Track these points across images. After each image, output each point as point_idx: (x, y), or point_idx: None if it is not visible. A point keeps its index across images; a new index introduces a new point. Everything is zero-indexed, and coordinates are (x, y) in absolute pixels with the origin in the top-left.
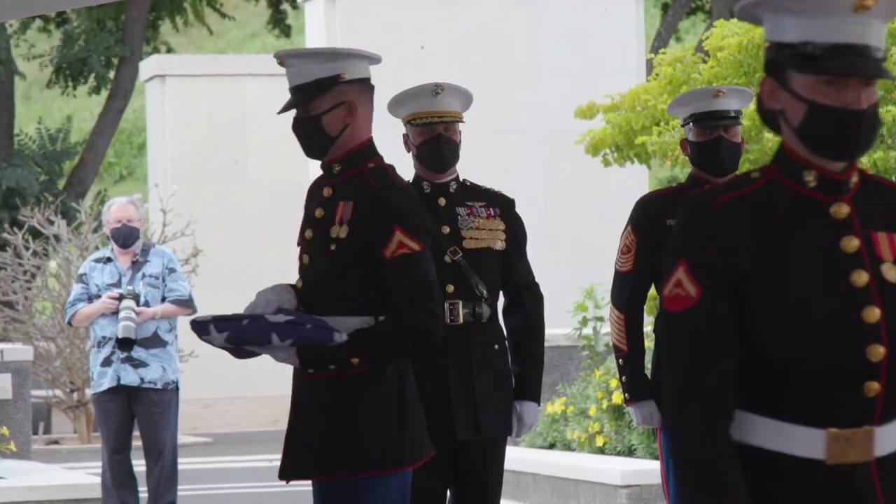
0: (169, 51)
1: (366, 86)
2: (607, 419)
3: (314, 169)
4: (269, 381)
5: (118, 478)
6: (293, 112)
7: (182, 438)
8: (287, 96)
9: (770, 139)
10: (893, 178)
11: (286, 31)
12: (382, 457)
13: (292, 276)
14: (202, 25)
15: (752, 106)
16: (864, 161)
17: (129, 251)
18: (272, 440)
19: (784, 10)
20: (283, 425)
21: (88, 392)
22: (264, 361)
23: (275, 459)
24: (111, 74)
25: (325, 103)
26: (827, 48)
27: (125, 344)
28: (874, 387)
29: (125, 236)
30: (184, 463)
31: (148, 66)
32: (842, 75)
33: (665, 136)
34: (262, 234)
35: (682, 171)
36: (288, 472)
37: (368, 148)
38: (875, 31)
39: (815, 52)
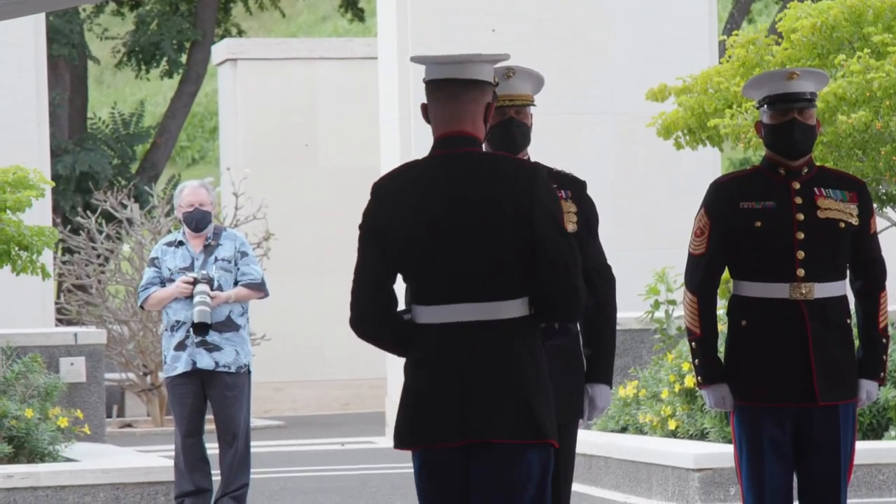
0: (240, 34)
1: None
2: (679, 402)
3: (385, 153)
4: (341, 364)
5: (191, 461)
6: (364, 96)
7: (254, 422)
8: (357, 79)
9: (843, 122)
10: None
11: (358, 15)
12: None
13: None
14: (274, 8)
15: (826, 88)
16: None
17: (201, 235)
18: (343, 423)
19: None
20: (354, 409)
21: (161, 375)
22: (336, 345)
23: (346, 442)
24: (183, 58)
25: None
26: None
27: (201, 328)
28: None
29: (197, 220)
30: (256, 446)
31: (220, 50)
32: None
33: (738, 118)
34: (333, 217)
35: (754, 153)
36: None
37: None
38: None
39: None
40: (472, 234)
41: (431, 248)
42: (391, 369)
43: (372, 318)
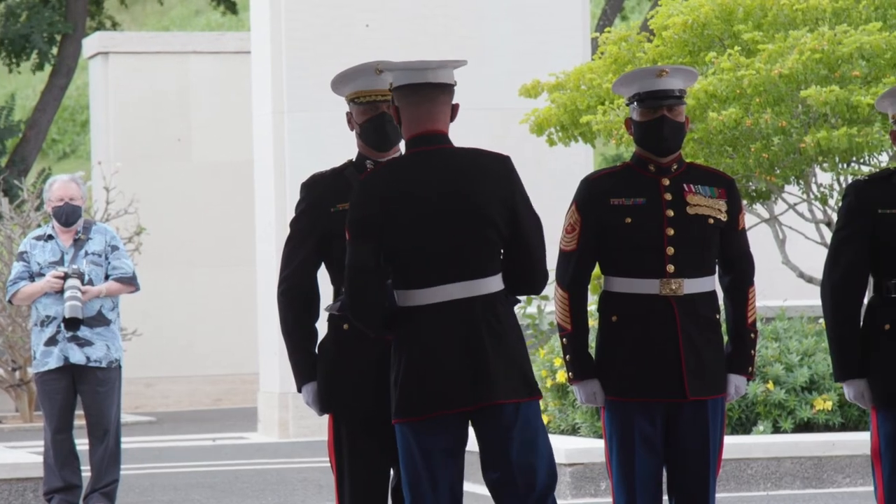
0: (114, 26)
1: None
2: (551, 398)
3: (258, 147)
4: (213, 360)
5: (61, 457)
6: (237, 91)
7: (125, 417)
8: (230, 74)
9: (714, 118)
10: (836, 158)
11: (231, 8)
12: None
13: (234, 254)
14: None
15: (697, 85)
16: (808, 140)
17: (70, 229)
18: (215, 419)
19: None
20: (226, 404)
21: (31, 371)
22: (207, 341)
23: (218, 438)
24: (54, 51)
25: None
26: None
27: (72, 324)
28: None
29: (67, 215)
30: (126, 442)
31: (91, 43)
32: None
33: (610, 115)
34: (205, 212)
35: (626, 150)
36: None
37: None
38: None
39: None
40: (463, 219)
41: (426, 236)
42: (263, 364)
43: (369, 305)
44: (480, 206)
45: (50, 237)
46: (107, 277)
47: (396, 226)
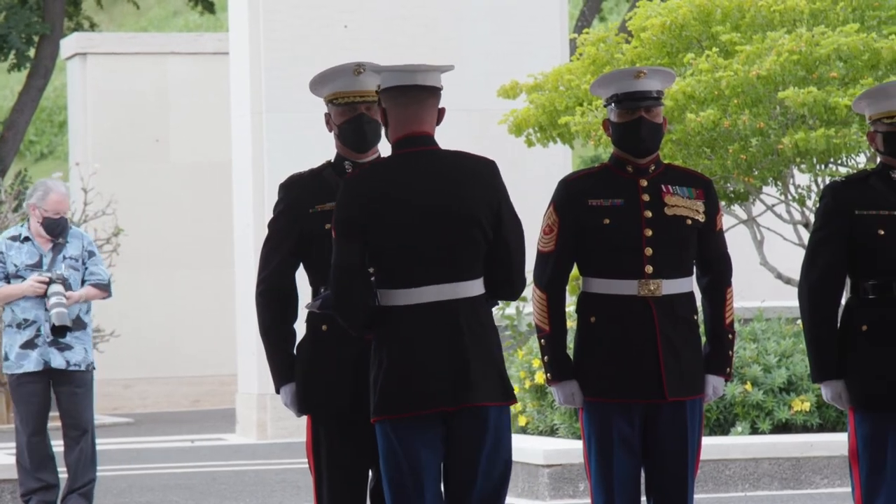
0: (92, 26)
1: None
2: (530, 399)
3: (237, 148)
4: (191, 361)
5: (36, 459)
6: (215, 91)
7: (102, 419)
8: (208, 74)
9: (692, 120)
10: (814, 159)
11: (209, 9)
12: None
13: (212, 255)
14: (126, 1)
15: (675, 87)
16: (786, 141)
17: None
18: (193, 420)
19: None
20: (204, 405)
21: (5, 372)
22: (185, 342)
23: (196, 439)
24: (32, 52)
25: None
26: None
27: (60, 331)
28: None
29: (62, 227)
30: (104, 443)
31: (69, 44)
32: None
33: (588, 116)
34: (183, 213)
35: (605, 151)
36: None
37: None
38: None
39: None
40: (449, 221)
41: (411, 237)
42: (242, 366)
43: (354, 304)
44: (467, 209)
45: (26, 238)
46: (83, 282)
47: (381, 226)
